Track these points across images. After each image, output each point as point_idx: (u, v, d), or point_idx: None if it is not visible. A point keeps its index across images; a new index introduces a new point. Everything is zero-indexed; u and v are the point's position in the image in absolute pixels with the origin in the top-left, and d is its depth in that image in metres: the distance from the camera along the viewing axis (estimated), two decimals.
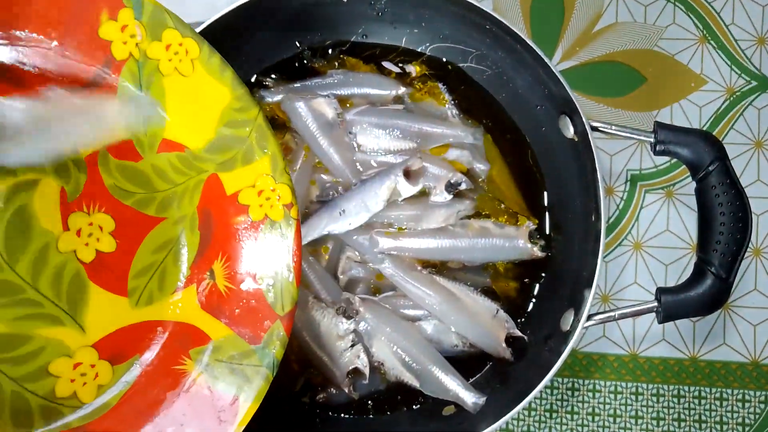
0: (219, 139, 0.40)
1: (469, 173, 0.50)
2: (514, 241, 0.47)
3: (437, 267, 0.48)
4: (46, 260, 0.37)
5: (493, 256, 0.48)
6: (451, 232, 0.47)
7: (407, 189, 0.46)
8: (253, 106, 0.40)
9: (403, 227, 0.48)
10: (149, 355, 0.39)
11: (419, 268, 0.48)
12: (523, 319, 0.49)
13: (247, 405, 0.37)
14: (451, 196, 0.48)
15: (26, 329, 0.37)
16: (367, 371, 0.45)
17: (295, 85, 0.51)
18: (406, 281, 0.47)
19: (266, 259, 0.39)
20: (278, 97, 0.51)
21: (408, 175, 0.47)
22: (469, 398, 0.45)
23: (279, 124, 0.50)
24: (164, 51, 0.39)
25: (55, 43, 0.38)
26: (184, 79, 0.39)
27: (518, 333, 0.47)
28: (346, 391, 0.45)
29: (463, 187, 0.48)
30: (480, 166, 0.50)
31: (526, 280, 0.49)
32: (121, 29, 0.38)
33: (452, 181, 0.47)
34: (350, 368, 0.45)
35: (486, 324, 0.46)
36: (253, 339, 0.38)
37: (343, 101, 0.51)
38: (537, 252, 0.48)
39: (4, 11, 0.37)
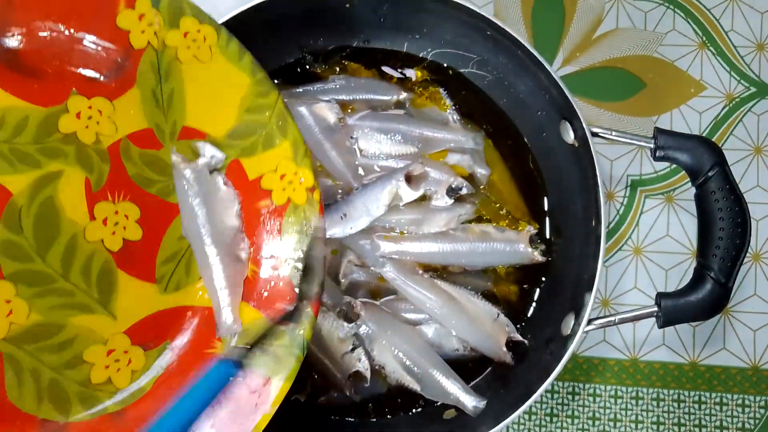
0: (240, 125, 0.40)
1: (470, 178, 0.50)
2: (514, 246, 0.48)
3: (438, 271, 0.49)
4: (75, 250, 0.37)
5: (493, 260, 0.48)
6: (452, 236, 0.48)
7: (409, 194, 0.47)
8: (272, 90, 0.40)
9: (405, 231, 0.48)
10: (181, 340, 0.39)
11: (420, 271, 0.48)
12: (523, 324, 0.49)
13: (279, 384, 0.37)
14: (452, 201, 0.48)
15: (60, 318, 0.37)
16: (368, 374, 0.45)
17: (297, 90, 0.52)
18: (407, 285, 0.47)
19: (291, 242, 0.39)
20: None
21: (410, 180, 0.47)
22: (470, 402, 0.45)
23: None
24: (182, 38, 0.39)
25: (73, 32, 0.38)
26: (202, 66, 0.39)
27: (519, 337, 0.47)
28: (348, 393, 0.46)
29: (464, 191, 0.48)
30: (481, 171, 0.50)
31: (527, 284, 0.49)
32: (138, 18, 0.38)
33: (453, 186, 0.48)
34: (351, 371, 0.45)
35: (486, 328, 0.47)
36: (283, 321, 0.38)
37: (344, 106, 0.51)
38: (538, 256, 0.48)
39: (23, 4, 0.37)
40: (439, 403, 0.47)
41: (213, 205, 0.41)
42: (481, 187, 0.50)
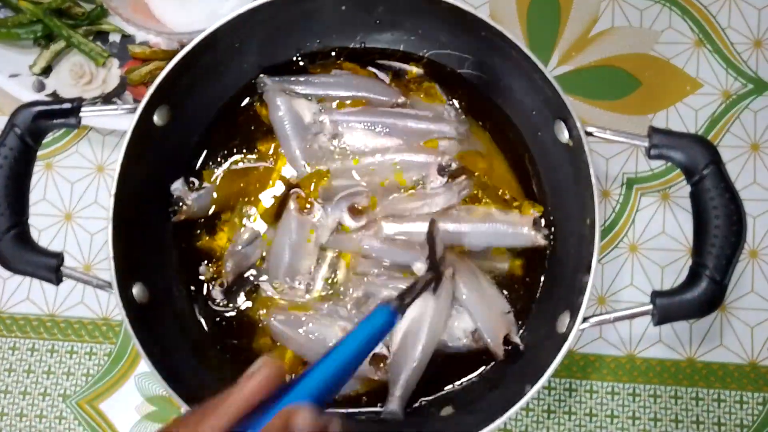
0: None
1: (463, 162, 0.50)
2: (517, 228, 0.48)
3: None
4: None
5: (495, 241, 0.49)
6: (455, 216, 0.48)
7: (351, 224, 0.48)
8: None
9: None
10: None
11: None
12: (519, 321, 0.49)
13: None
14: (446, 179, 0.48)
15: None
16: (385, 350, 0.46)
17: (299, 78, 0.52)
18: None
19: None
20: (279, 87, 0.51)
21: (353, 211, 0.48)
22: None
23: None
24: None
25: None
26: None
27: (517, 339, 0.48)
28: (377, 377, 0.47)
29: (453, 167, 0.48)
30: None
31: (523, 283, 0.50)
32: None
33: (443, 164, 0.48)
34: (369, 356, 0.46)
35: (495, 316, 0.48)
36: None
37: (325, 100, 0.51)
38: (540, 240, 0.48)
39: None
40: (435, 398, 0.47)
41: (297, 251, 0.48)
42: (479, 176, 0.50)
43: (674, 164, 0.43)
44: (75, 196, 0.59)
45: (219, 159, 0.52)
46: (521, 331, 0.49)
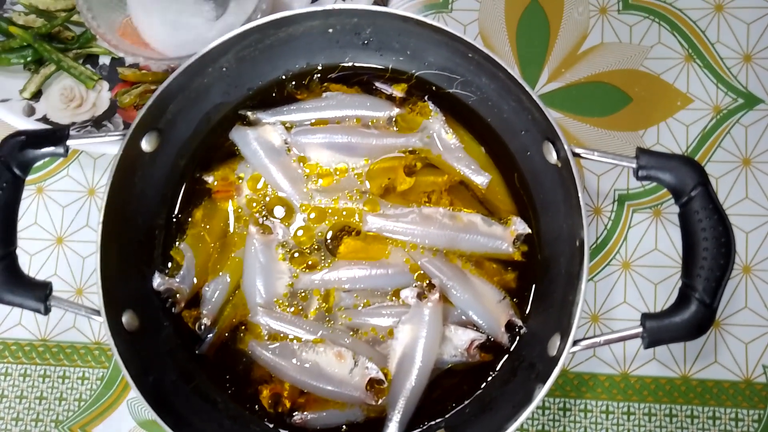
0: None
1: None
2: (497, 242, 0.49)
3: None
4: None
5: (473, 249, 0.49)
6: (439, 222, 0.49)
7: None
8: None
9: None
10: None
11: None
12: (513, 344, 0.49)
13: None
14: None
15: None
16: (381, 375, 0.46)
17: (291, 107, 0.52)
18: (429, 262, 0.48)
19: None
20: (273, 119, 0.51)
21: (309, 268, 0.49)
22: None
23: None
24: None
25: None
26: None
27: (519, 321, 0.48)
28: (374, 402, 0.46)
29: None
30: (480, 178, 0.50)
31: (515, 304, 0.50)
32: None
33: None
34: (366, 381, 0.46)
35: (490, 306, 0.48)
36: None
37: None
38: (516, 256, 0.49)
39: None
40: (427, 425, 0.47)
41: (269, 272, 0.48)
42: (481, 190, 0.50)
43: (662, 185, 0.42)
44: (66, 220, 0.59)
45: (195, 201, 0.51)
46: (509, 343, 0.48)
